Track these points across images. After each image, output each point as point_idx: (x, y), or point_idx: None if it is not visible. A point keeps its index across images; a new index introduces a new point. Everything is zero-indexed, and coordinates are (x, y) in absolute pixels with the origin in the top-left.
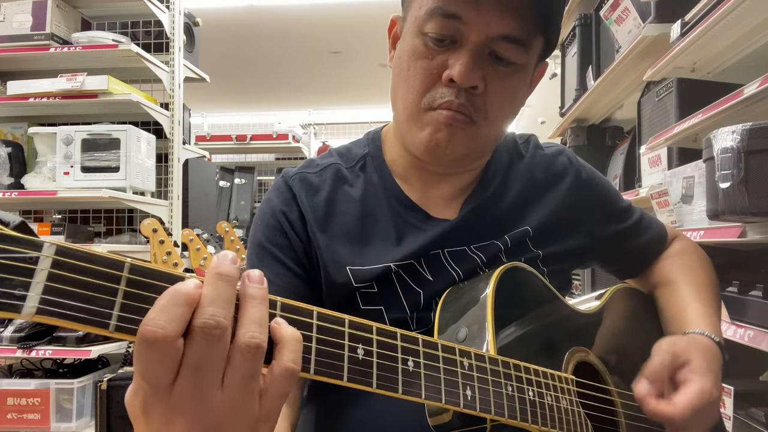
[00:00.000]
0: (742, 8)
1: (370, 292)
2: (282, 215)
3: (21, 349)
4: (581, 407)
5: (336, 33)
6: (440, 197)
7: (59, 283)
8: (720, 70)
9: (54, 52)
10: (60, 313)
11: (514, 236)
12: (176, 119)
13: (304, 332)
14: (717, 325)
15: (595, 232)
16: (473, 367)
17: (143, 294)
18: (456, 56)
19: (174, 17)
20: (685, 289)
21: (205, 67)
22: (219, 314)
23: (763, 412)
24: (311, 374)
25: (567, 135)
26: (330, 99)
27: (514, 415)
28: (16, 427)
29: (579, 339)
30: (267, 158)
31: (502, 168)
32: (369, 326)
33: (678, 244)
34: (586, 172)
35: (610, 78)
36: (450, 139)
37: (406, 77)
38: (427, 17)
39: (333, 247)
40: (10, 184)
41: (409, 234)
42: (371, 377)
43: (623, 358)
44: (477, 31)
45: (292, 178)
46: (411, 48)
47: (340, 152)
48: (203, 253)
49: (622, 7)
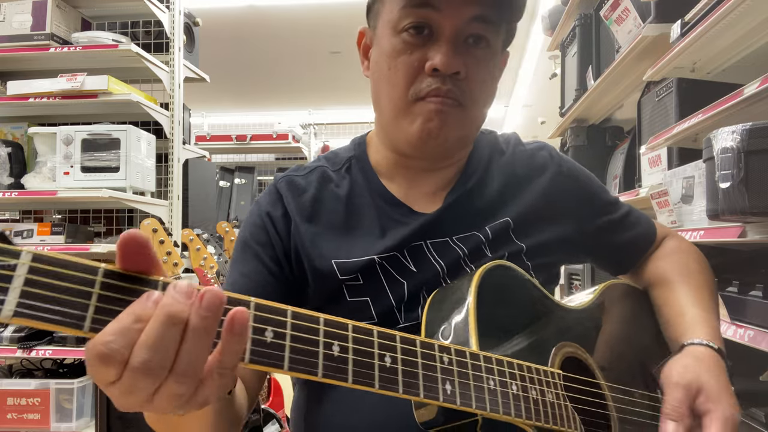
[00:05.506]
0: (742, 8)
1: (355, 285)
2: (266, 216)
3: (21, 349)
4: (569, 401)
5: (336, 33)
6: (423, 193)
7: (36, 288)
8: (720, 70)
9: (54, 52)
10: (36, 316)
11: (494, 228)
12: (176, 119)
13: (279, 329)
14: (716, 329)
15: (579, 225)
16: (453, 362)
17: (117, 297)
18: (435, 47)
19: (174, 17)
20: (681, 291)
21: (205, 67)
22: (154, 360)
23: (763, 412)
24: (285, 370)
25: (567, 135)
26: (330, 99)
27: (497, 409)
28: (16, 427)
29: (566, 334)
30: (267, 158)
31: (483, 163)
32: (344, 324)
33: (672, 242)
34: (568, 167)
35: (610, 78)
36: (442, 126)
37: (389, 76)
38: (401, 14)
39: (319, 242)
40: (10, 184)
41: (392, 228)
42: (347, 373)
43: (614, 353)
44: (451, 17)
45: (280, 181)
46: (389, 48)
47: (327, 157)
48: (203, 253)
49: (622, 7)
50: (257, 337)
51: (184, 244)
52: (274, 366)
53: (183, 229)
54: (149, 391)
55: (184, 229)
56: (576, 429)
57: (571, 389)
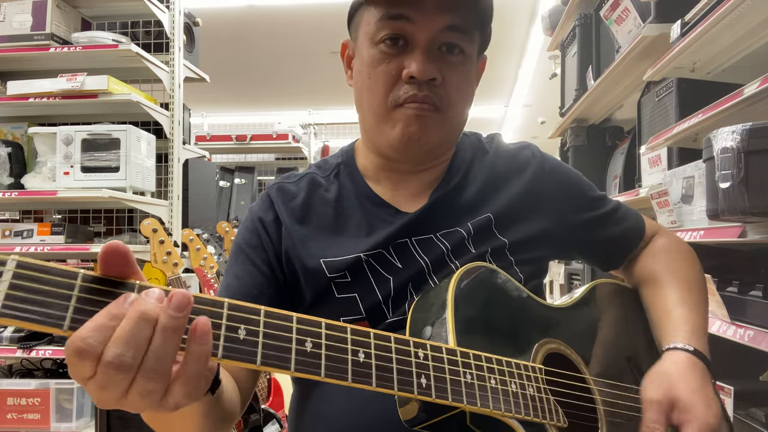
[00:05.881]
0: (742, 8)
1: (344, 282)
2: (258, 221)
3: (21, 349)
4: (552, 395)
5: (336, 33)
6: (409, 194)
7: (19, 292)
8: (720, 70)
9: (54, 52)
10: (19, 316)
11: (476, 224)
12: (176, 119)
13: (252, 327)
14: (698, 329)
15: (562, 219)
16: (428, 357)
17: (95, 299)
18: (411, 56)
19: (174, 17)
20: (668, 290)
21: (205, 67)
22: (126, 355)
23: (763, 412)
24: (258, 365)
25: (567, 135)
26: (330, 99)
27: (474, 402)
28: (16, 427)
29: (549, 331)
30: (267, 158)
31: (466, 162)
32: (318, 322)
33: (662, 239)
34: (551, 165)
35: (610, 78)
36: (422, 130)
37: (369, 85)
38: (377, 27)
39: (308, 242)
40: (10, 184)
41: (378, 227)
42: (319, 368)
43: (599, 350)
44: (425, 27)
45: (271, 189)
46: (369, 59)
47: (317, 164)
48: (203, 253)
49: (622, 7)
50: (230, 334)
51: (184, 244)
52: (247, 361)
53: (183, 229)
54: (122, 387)
55: (184, 229)
56: (559, 421)
57: (554, 383)
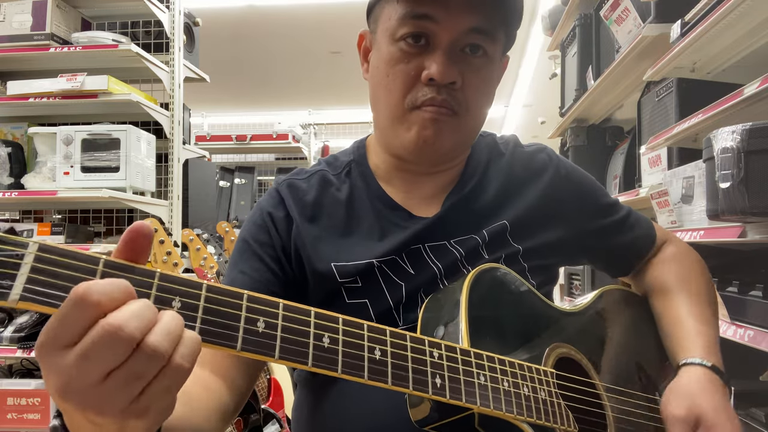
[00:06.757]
0: (742, 8)
1: (354, 287)
2: (268, 216)
3: (21, 349)
4: (563, 399)
5: (336, 33)
6: (422, 197)
7: (41, 275)
8: (720, 70)
9: (54, 52)
10: (40, 300)
11: (491, 230)
12: (176, 119)
13: (270, 320)
14: (712, 342)
15: (577, 227)
16: (443, 357)
17: None
18: (432, 57)
19: (174, 17)
20: (679, 301)
21: (205, 67)
22: (164, 345)
23: (763, 412)
24: (276, 359)
25: (567, 135)
26: (330, 99)
27: (488, 404)
28: (16, 427)
29: (560, 335)
30: (267, 158)
31: (481, 165)
32: (335, 317)
33: (672, 248)
34: (566, 169)
35: (610, 78)
36: (437, 134)
37: (386, 83)
38: (399, 23)
39: (319, 244)
40: (10, 184)
41: (391, 232)
42: (336, 364)
43: (609, 356)
44: (448, 28)
45: (281, 184)
46: (387, 56)
47: (327, 161)
48: (203, 253)
49: (622, 7)
50: (249, 326)
51: (184, 244)
52: (264, 354)
53: (183, 229)
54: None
55: (184, 229)
56: (570, 426)
57: (565, 388)
